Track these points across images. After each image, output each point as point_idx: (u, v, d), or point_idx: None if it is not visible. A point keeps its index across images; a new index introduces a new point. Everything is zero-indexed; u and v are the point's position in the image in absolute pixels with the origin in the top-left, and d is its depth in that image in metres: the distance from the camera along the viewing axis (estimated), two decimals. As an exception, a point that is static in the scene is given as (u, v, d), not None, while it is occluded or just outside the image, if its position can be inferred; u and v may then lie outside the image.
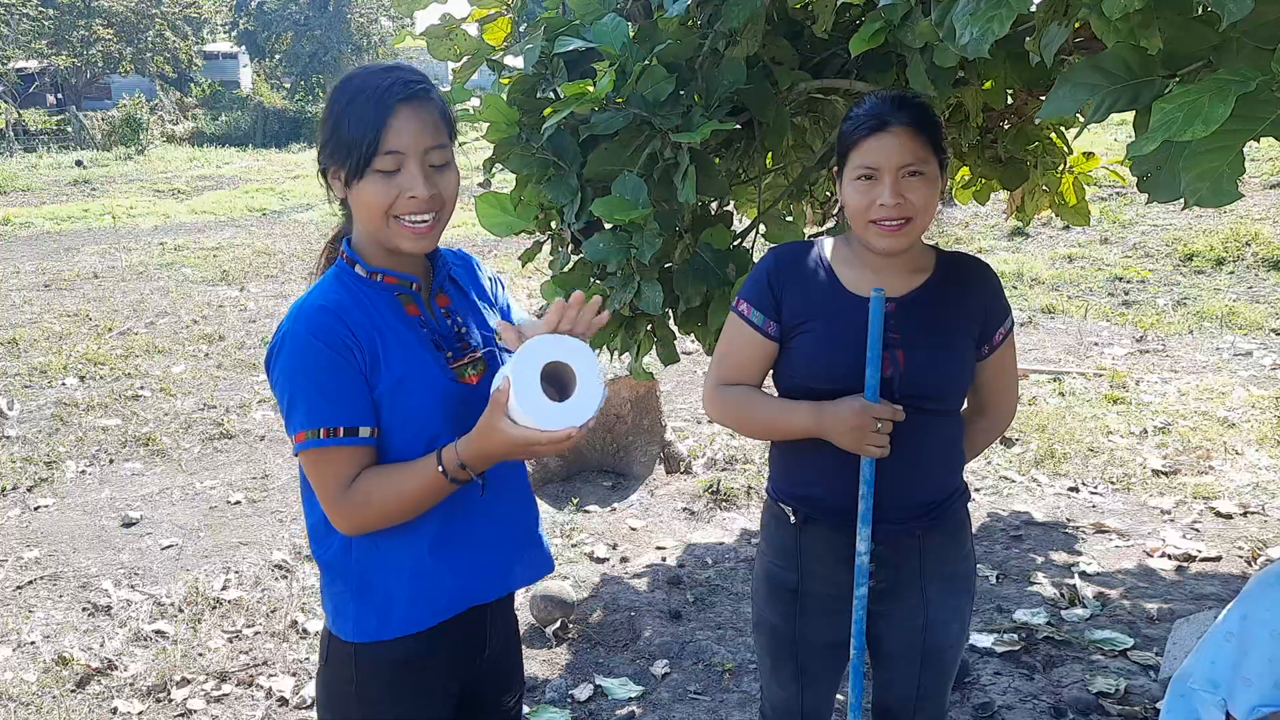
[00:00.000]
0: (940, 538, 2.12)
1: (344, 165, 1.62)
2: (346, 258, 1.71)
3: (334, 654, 1.77)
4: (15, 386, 6.91)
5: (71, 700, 3.40)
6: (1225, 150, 1.42)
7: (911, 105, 1.93)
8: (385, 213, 1.62)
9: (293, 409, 1.62)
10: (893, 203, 1.90)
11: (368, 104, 1.59)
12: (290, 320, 1.64)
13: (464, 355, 1.75)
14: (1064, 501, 4.81)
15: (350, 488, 1.62)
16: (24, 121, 28.74)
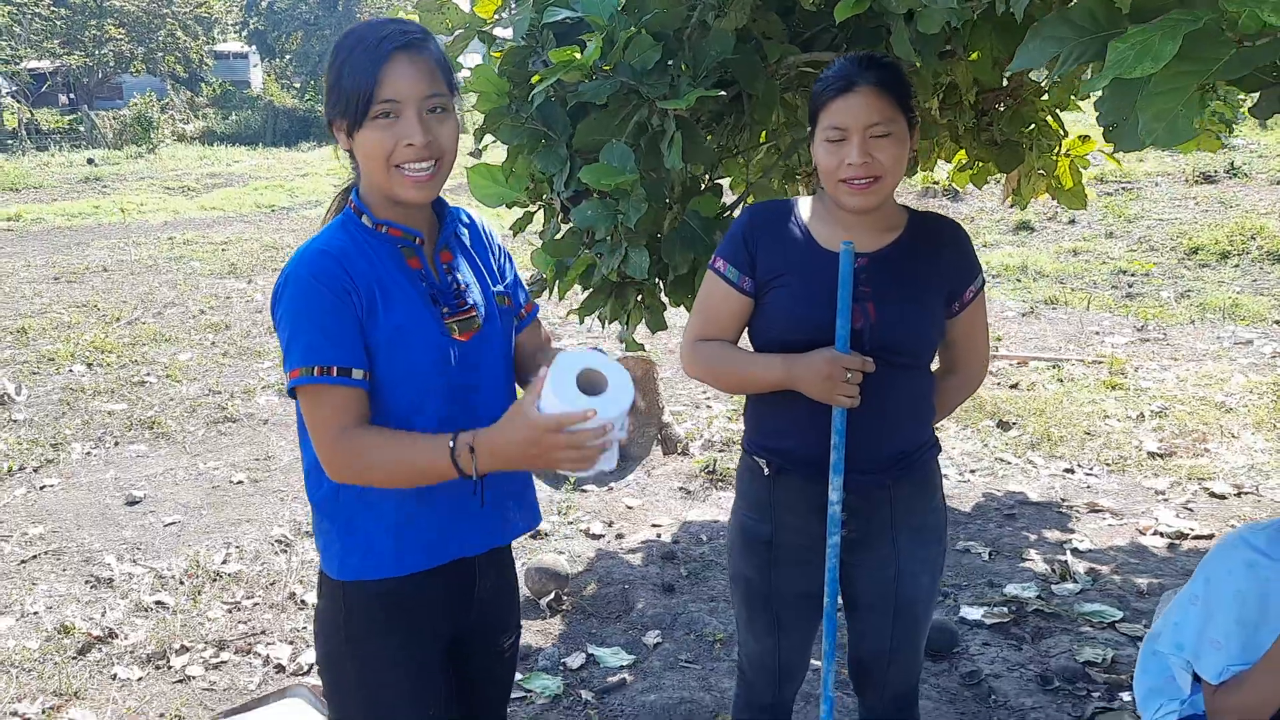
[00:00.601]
0: (910, 489, 2.16)
1: (345, 115, 1.65)
2: (354, 207, 1.75)
3: (325, 590, 1.82)
4: (24, 373, 6.98)
5: (72, 667, 3.46)
6: (1180, 91, 1.46)
7: (878, 65, 1.96)
8: (386, 161, 1.66)
9: (291, 346, 1.65)
10: (860, 161, 1.94)
11: (365, 54, 1.63)
12: (294, 263, 1.67)
13: (459, 312, 1.77)
14: (1059, 482, 4.84)
15: (347, 433, 1.63)
16: (36, 121, 28.92)
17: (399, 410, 1.71)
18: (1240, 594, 2.10)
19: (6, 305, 9.22)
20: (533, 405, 1.55)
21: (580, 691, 3.28)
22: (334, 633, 1.81)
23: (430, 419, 1.73)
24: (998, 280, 9.54)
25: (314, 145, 27.28)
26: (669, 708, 3.18)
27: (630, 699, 3.24)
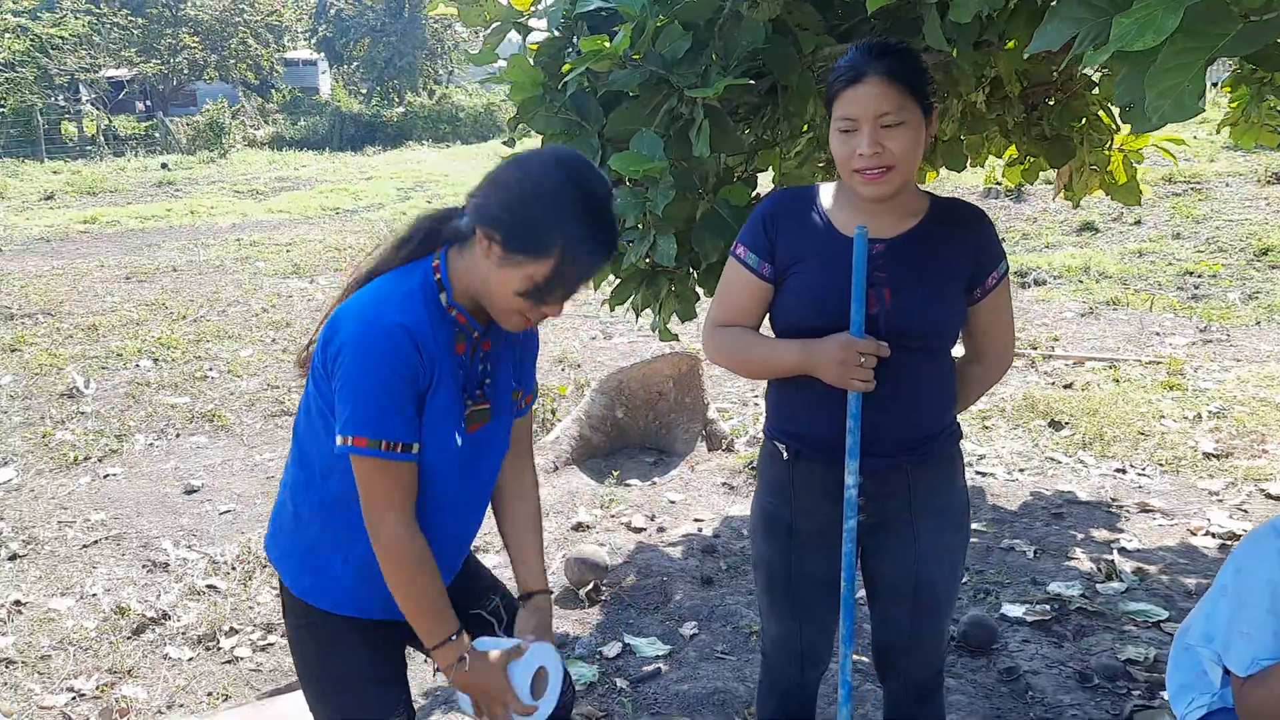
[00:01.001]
0: (929, 473, 2.15)
1: (516, 254, 1.66)
2: (438, 279, 1.76)
3: (289, 605, 1.90)
4: (93, 367, 7.21)
5: (127, 646, 3.58)
6: (1186, 68, 1.45)
7: (889, 53, 1.95)
8: (505, 308, 1.72)
9: (356, 414, 1.65)
10: (870, 152, 1.94)
11: (587, 254, 1.68)
12: (366, 327, 1.67)
13: (477, 404, 1.83)
14: (1110, 482, 4.76)
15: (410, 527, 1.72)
16: (114, 127, 29.76)
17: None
18: (1271, 584, 2.06)
19: (80, 303, 9.52)
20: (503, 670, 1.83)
21: (615, 679, 3.31)
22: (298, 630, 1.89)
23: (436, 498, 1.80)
24: (1059, 281, 9.40)
25: (379, 150, 27.73)
26: (702, 697, 3.20)
27: (665, 688, 3.26)
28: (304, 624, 1.87)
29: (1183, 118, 1.45)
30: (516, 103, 2.72)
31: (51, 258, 12.41)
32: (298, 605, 1.87)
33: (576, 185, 1.67)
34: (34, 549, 4.36)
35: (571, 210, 1.65)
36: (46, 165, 24.09)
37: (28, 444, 5.68)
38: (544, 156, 1.72)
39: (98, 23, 31.44)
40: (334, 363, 1.68)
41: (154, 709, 3.21)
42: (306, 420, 1.81)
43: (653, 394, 5.12)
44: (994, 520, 4.39)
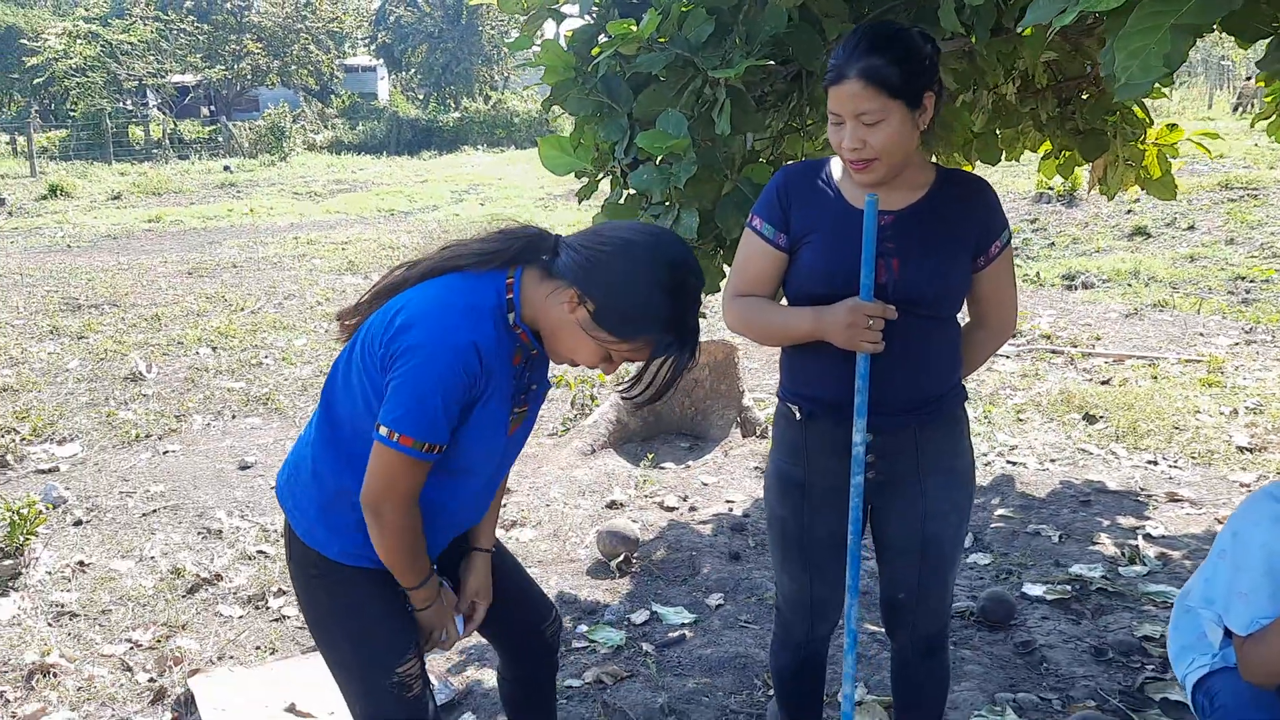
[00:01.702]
0: (936, 433, 2.26)
1: (600, 319, 1.79)
2: (511, 296, 1.84)
3: (296, 549, 2.00)
4: (155, 354, 7.50)
5: (182, 604, 3.78)
6: (1152, 30, 1.56)
7: (872, 51, 2.00)
8: (566, 356, 1.88)
9: (411, 413, 1.75)
10: (850, 148, 2.06)
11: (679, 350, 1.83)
12: (443, 337, 1.75)
13: (520, 406, 1.97)
14: (1140, 473, 4.80)
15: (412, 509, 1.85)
16: (179, 131, 30.53)
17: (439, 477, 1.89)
18: (1266, 547, 2.14)
19: (144, 295, 9.85)
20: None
21: (642, 644, 3.44)
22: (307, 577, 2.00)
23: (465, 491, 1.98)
24: (1108, 285, 9.36)
25: (434, 154, 28.16)
26: (724, 661, 3.32)
27: (688, 652, 3.39)
28: (315, 574, 1.98)
29: (1146, 79, 1.56)
30: (550, 85, 2.87)
31: (118, 254, 12.82)
32: (308, 554, 1.97)
33: (678, 293, 1.81)
34: (97, 516, 4.59)
35: (668, 316, 1.80)
36: (114, 167, 24.79)
37: (93, 422, 5.95)
38: (656, 250, 1.82)
39: (165, 29, 32.30)
40: (399, 358, 1.76)
41: (206, 659, 3.40)
42: (345, 386, 1.90)
43: (689, 381, 5.25)
44: (1022, 506, 4.46)
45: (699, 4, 2.70)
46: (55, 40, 30.53)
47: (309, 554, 1.97)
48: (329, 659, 2.04)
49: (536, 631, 2.25)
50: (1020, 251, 11.10)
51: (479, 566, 2.16)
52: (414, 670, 2.00)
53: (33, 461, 5.29)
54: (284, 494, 2.04)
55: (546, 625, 2.27)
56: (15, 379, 6.81)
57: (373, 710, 2.00)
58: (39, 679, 3.24)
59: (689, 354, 1.87)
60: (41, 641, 3.46)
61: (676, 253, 1.83)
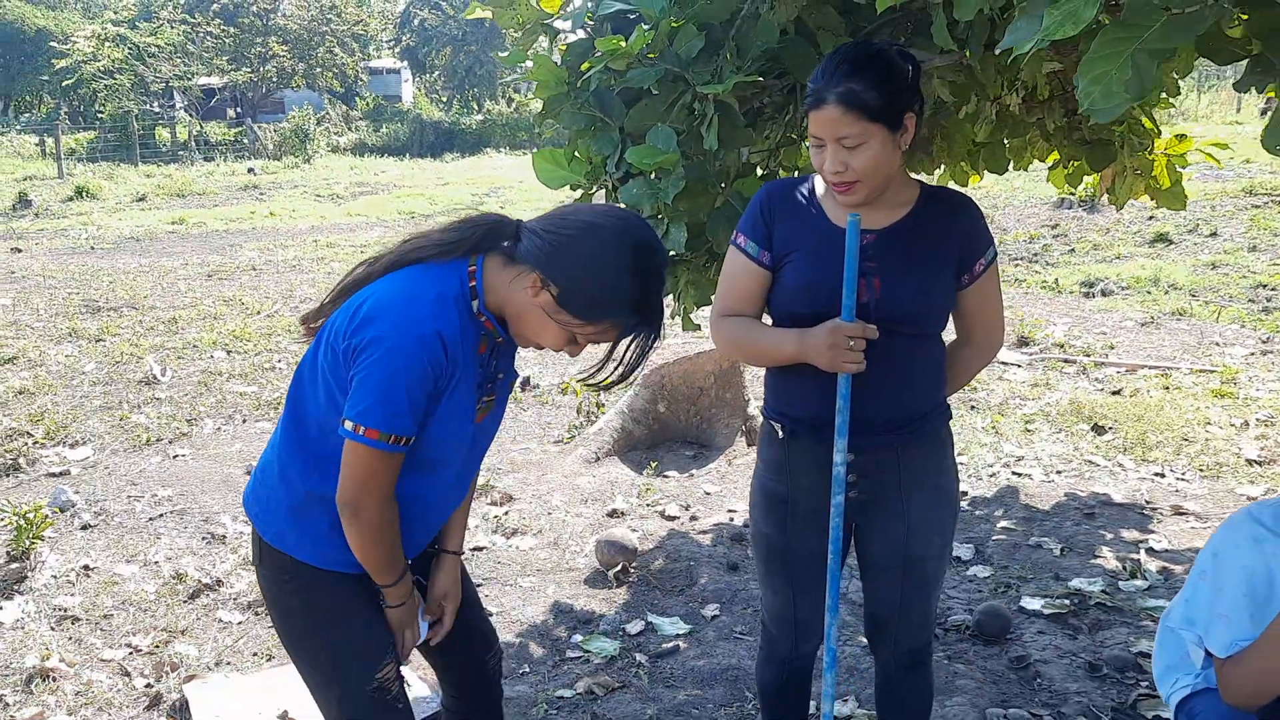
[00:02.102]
0: (919, 452, 2.26)
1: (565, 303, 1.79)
2: (473, 289, 1.85)
3: (267, 555, 1.98)
4: (170, 357, 7.57)
5: (182, 609, 3.82)
6: (1114, 56, 1.55)
7: (852, 74, 2.00)
8: (531, 339, 1.89)
9: (376, 406, 1.74)
10: (831, 171, 2.06)
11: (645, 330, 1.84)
12: (407, 329, 1.75)
13: (488, 395, 1.98)
14: (1146, 485, 4.76)
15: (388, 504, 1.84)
16: (205, 133, 30.79)
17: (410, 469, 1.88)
18: (1247, 568, 2.13)
19: (163, 298, 9.95)
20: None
21: (636, 654, 3.45)
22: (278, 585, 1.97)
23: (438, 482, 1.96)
24: (1127, 292, 9.29)
25: (457, 156, 28.28)
26: (716, 673, 3.32)
27: (681, 663, 3.39)
28: (286, 579, 1.95)
29: (1108, 104, 1.55)
30: (542, 99, 2.89)
31: (140, 255, 12.95)
32: (278, 559, 1.94)
33: (641, 273, 1.80)
34: (104, 520, 4.65)
35: (632, 296, 1.80)
36: (140, 169, 25.06)
37: (106, 425, 6.01)
38: (618, 231, 1.81)
39: (192, 32, 32.61)
40: (363, 351, 1.75)
41: (203, 665, 3.44)
42: (311, 386, 1.89)
43: (694, 389, 5.25)
44: (1024, 519, 4.43)
45: (690, 19, 2.70)
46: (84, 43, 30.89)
47: (279, 559, 1.94)
48: (304, 667, 2.01)
49: (479, 663, 2.25)
50: (1039, 258, 11.03)
51: (448, 568, 2.16)
52: (392, 674, 2.00)
53: (45, 465, 5.36)
54: (250, 501, 2.01)
55: (489, 657, 2.27)
56: (33, 381, 6.90)
57: (352, 717, 1.99)
58: (38, 683, 3.29)
59: (654, 334, 1.87)
60: (43, 646, 3.51)
61: (641, 235, 1.83)
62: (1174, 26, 1.53)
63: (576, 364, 7.27)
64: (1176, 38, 1.53)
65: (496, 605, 3.82)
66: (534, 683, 3.31)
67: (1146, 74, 1.61)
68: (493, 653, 2.28)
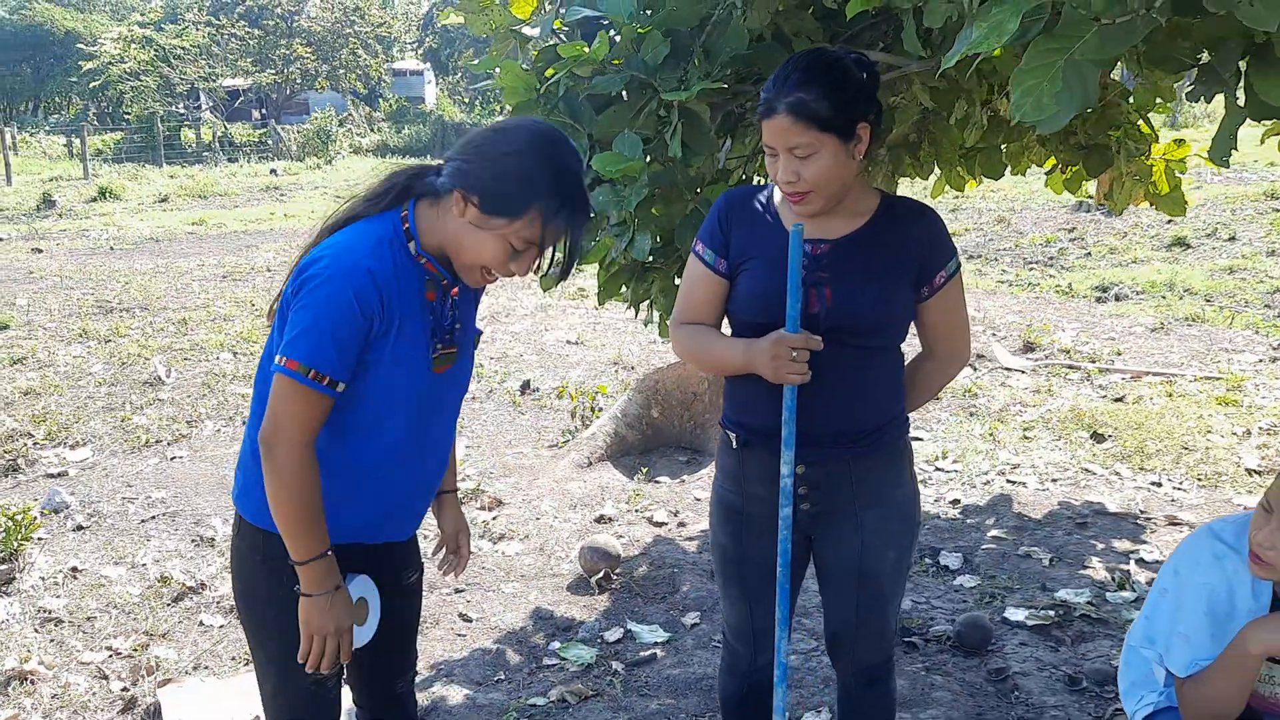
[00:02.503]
0: (873, 465, 2.22)
1: (490, 211, 1.80)
2: (407, 227, 1.87)
3: (243, 529, 1.99)
4: (176, 358, 7.62)
5: (165, 612, 3.84)
6: (1044, 69, 1.53)
7: (802, 84, 1.98)
8: (472, 264, 1.87)
9: (301, 337, 1.76)
10: (784, 181, 2.04)
11: (563, 212, 1.83)
12: (337, 267, 1.77)
13: (445, 348, 1.97)
14: (1142, 495, 4.70)
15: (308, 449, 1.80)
16: (230, 135, 31.06)
17: (362, 421, 1.88)
18: (1208, 585, 2.10)
19: (176, 299, 10.02)
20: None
21: (612, 662, 3.43)
22: (251, 572, 1.98)
23: (389, 435, 1.92)
24: (1141, 297, 9.19)
25: (478, 158, 28.35)
26: (691, 682, 3.30)
27: (657, 672, 3.37)
28: (260, 559, 1.95)
29: (1038, 117, 1.53)
30: (510, 106, 2.88)
31: (158, 256, 13.06)
32: (255, 536, 1.94)
33: (552, 156, 1.83)
34: (97, 522, 4.68)
35: (548, 179, 1.81)
36: (165, 170, 25.29)
37: (107, 426, 6.06)
38: (523, 127, 1.88)
39: (217, 34, 32.90)
40: (297, 294, 1.80)
41: (181, 669, 3.45)
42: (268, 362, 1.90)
43: (688, 395, 5.23)
44: (1015, 528, 4.39)
45: (657, 25, 2.69)
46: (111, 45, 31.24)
47: (256, 536, 1.94)
48: (254, 648, 2.05)
49: (389, 684, 2.23)
50: (1055, 262, 10.94)
51: (449, 506, 2.27)
52: (332, 672, 1.98)
53: (44, 465, 5.41)
54: (235, 484, 2.04)
55: (400, 681, 2.25)
56: (40, 382, 6.96)
57: (283, 703, 2.03)
58: (16, 685, 3.31)
59: (582, 213, 1.88)
60: (24, 648, 3.53)
61: (542, 126, 1.89)
62: (1107, 37, 1.50)
63: (579, 367, 7.27)
64: (1111, 48, 1.50)
65: (478, 611, 3.82)
66: (508, 690, 3.30)
67: (1089, 83, 1.58)
68: (405, 678, 2.26)
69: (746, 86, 3.10)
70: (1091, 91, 1.58)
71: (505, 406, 6.42)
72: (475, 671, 3.42)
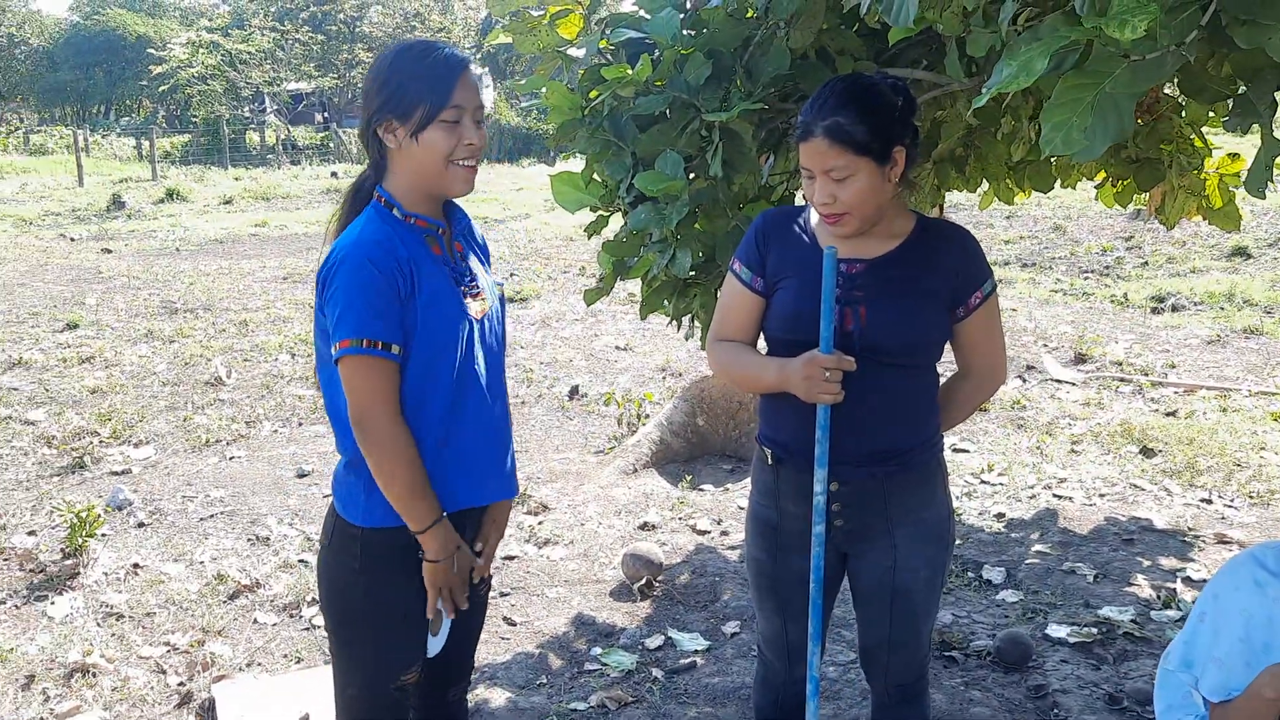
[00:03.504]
0: (906, 484, 2.25)
1: (408, 118, 1.92)
2: (384, 201, 2.00)
3: (339, 537, 2.07)
4: (237, 360, 7.82)
5: (221, 609, 3.96)
6: (1074, 104, 1.56)
7: (840, 108, 2.02)
8: (446, 157, 1.95)
9: (342, 320, 1.87)
10: (820, 202, 2.09)
11: (438, 69, 1.93)
12: (346, 250, 1.91)
13: (473, 293, 2.07)
14: (1191, 512, 4.65)
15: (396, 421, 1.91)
16: (293, 138, 31.63)
17: (413, 378, 1.97)
18: (1246, 611, 2.09)
19: (238, 300, 10.27)
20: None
21: (652, 669, 3.48)
22: (347, 581, 2.06)
23: (441, 387, 2.00)
24: (1199, 308, 9.05)
25: (534, 161, 28.59)
26: (729, 691, 3.34)
27: (696, 680, 3.42)
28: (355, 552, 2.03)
29: (1068, 151, 1.55)
30: (555, 125, 2.95)
31: (221, 258, 13.36)
32: (349, 532, 2.02)
33: (402, 45, 1.99)
34: (157, 519, 4.84)
35: (416, 59, 1.94)
36: (230, 172, 25.81)
37: (169, 426, 6.24)
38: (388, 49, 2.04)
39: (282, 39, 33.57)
40: (326, 292, 1.92)
41: (236, 665, 3.57)
42: (324, 373, 2.02)
43: (733, 403, 5.27)
44: (1060, 543, 4.37)
45: (700, 47, 2.74)
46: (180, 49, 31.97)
47: (351, 532, 2.02)
48: (341, 650, 2.12)
49: (444, 692, 2.29)
50: (1111, 271, 10.80)
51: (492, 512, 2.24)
52: (414, 680, 2.11)
53: (108, 463, 5.59)
54: (336, 495, 2.11)
55: (455, 689, 2.31)
56: (106, 381, 7.19)
57: (362, 708, 2.11)
58: (78, 678, 3.45)
59: (448, 56, 1.96)
60: (86, 641, 3.67)
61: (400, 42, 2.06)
62: (1138, 71, 1.52)
63: (627, 373, 7.34)
64: (1143, 83, 1.53)
65: (521, 615, 3.90)
66: (549, 694, 3.37)
67: (1124, 114, 1.60)
68: (459, 686, 2.33)
69: (790, 104, 3.14)
70: (1127, 122, 1.60)
71: (553, 411, 6.51)
72: (518, 675, 3.49)
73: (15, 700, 3.34)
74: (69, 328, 8.82)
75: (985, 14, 2.36)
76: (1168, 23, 1.38)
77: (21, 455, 5.71)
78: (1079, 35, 1.46)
